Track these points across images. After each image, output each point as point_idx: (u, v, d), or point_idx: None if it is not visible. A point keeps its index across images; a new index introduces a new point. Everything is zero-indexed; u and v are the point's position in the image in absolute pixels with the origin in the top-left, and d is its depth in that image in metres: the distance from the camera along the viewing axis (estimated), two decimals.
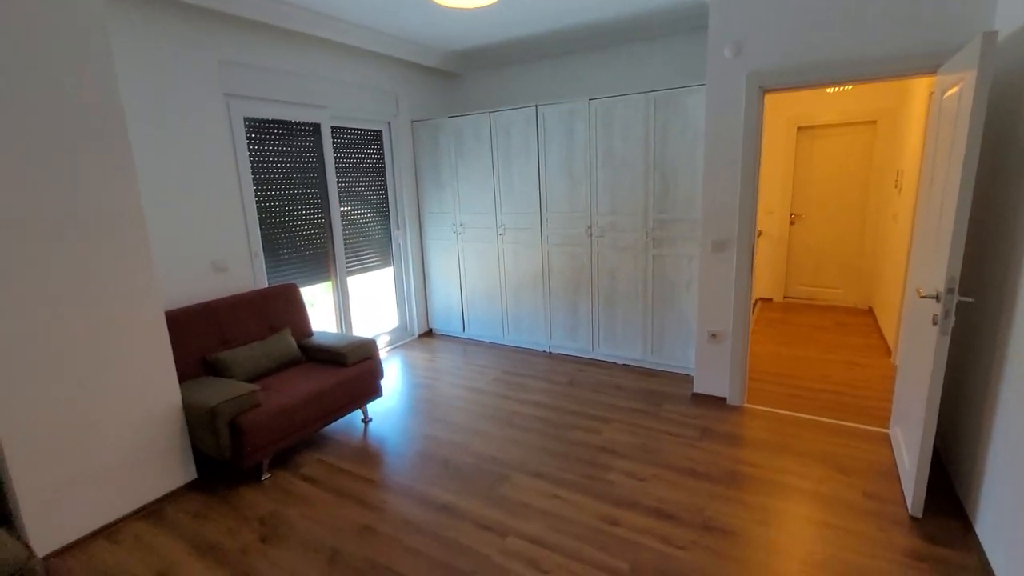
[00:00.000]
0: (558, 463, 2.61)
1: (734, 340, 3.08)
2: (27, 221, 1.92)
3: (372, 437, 2.99)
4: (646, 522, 2.14)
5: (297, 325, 3.30)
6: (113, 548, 2.11)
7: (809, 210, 5.25)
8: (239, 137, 3.13)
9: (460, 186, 4.37)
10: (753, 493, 2.30)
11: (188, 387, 2.56)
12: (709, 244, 3.05)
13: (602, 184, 3.67)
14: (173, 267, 2.85)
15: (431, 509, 2.29)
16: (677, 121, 3.29)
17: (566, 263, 3.98)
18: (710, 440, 2.76)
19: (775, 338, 4.36)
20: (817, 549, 1.95)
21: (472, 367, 4.02)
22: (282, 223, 3.50)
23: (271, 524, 2.23)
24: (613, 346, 3.92)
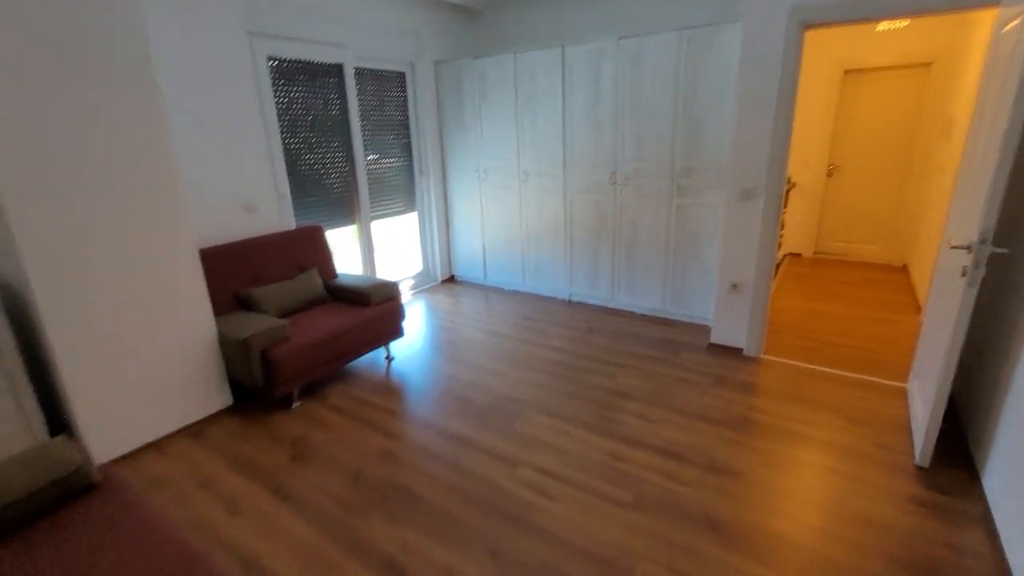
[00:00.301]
0: (572, 404, 2.70)
1: (755, 291, 3.05)
2: (73, 162, 2.00)
3: (394, 374, 3.13)
4: (653, 459, 2.22)
5: (323, 266, 3.40)
6: (161, 461, 2.33)
7: (848, 162, 4.99)
8: (263, 77, 3.14)
9: (484, 131, 4.30)
10: (761, 438, 2.34)
11: (223, 320, 2.71)
12: (736, 192, 2.97)
13: (628, 129, 3.56)
14: (207, 207, 2.95)
15: (448, 440, 2.42)
16: (709, 62, 3.13)
17: (588, 211, 3.94)
18: (723, 388, 2.79)
19: (801, 293, 4.28)
20: (819, 492, 2.00)
21: (493, 312, 4.10)
22: (308, 166, 3.55)
23: (301, 446, 2.40)
24: (632, 295, 3.92)
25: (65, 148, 2.01)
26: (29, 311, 2.09)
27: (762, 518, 1.88)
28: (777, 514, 1.90)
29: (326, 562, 1.74)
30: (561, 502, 1.98)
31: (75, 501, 1.51)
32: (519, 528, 1.86)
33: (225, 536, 1.87)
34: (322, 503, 2.03)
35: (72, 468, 1.50)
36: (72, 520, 1.43)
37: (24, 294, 2.07)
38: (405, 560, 1.74)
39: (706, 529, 1.83)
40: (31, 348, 2.24)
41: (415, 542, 1.81)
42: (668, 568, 1.67)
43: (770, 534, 1.81)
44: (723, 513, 1.91)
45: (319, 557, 1.76)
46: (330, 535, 1.86)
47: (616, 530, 1.84)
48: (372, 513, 1.96)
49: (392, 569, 1.70)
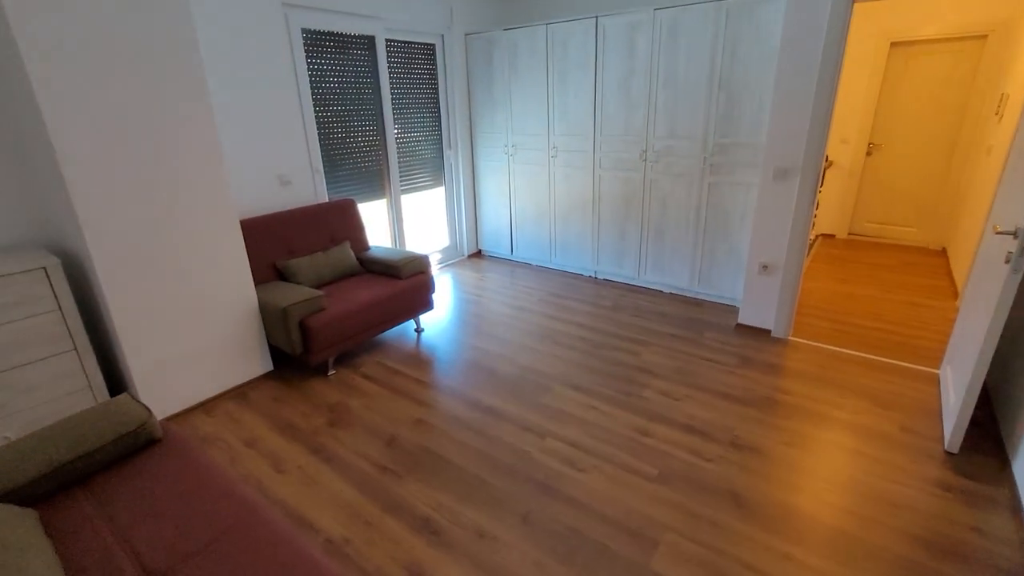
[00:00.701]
0: (597, 379, 2.75)
1: (786, 273, 3.02)
2: (127, 139, 2.09)
3: (424, 345, 3.22)
4: (677, 436, 2.27)
5: (355, 238, 3.48)
6: (209, 420, 2.47)
7: (890, 140, 4.81)
8: (298, 50, 3.16)
9: (513, 105, 4.27)
10: (785, 418, 2.37)
11: (262, 289, 2.82)
12: (771, 171, 2.91)
13: (661, 105, 3.50)
14: (244, 179, 3.03)
15: (477, 410, 2.51)
16: (749, 35, 3.03)
17: (617, 188, 3.92)
18: (748, 368, 2.81)
19: (832, 275, 4.21)
20: (843, 472, 2.03)
21: (519, 287, 4.15)
22: (340, 139, 3.59)
23: (338, 411, 2.52)
24: (659, 274, 3.92)
25: (119, 126, 2.09)
26: (89, 279, 2.22)
27: (785, 495, 1.92)
28: (800, 491, 1.94)
29: (366, 519, 1.85)
30: (588, 473, 2.06)
31: (141, 454, 1.64)
32: (548, 496, 1.95)
33: (272, 491, 2.00)
34: (360, 465, 2.14)
35: (138, 423, 1.62)
36: (139, 471, 1.56)
37: (85, 263, 2.19)
38: (440, 521, 1.84)
39: (729, 504, 1.89)
40: (91, 313, 2.38)
41: (448, 505, 1.91)
42: (692, 540, 1.74)
43: (792, 510, 1.85)
44: (746, 489, 1.96)
45: (359, 515, 1.88)
46: (369, 495, 1.97)
47: (642, 502, 1.90)
48: (407, 476, 2.07)
49: (428, 529, 1.80)
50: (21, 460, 1.43)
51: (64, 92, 1.93)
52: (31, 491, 1.43)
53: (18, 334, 2.04)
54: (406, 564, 1.67)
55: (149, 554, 1.27)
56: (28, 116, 2.04)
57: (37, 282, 2.06)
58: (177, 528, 1.34)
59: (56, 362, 2.16)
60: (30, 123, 2.06)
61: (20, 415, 2.09)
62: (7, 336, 2.01)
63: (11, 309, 2.00)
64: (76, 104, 1.96)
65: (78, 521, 1.37)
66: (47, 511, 1.42)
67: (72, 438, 1.52)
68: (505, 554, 1.70)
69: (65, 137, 1.96)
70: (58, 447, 1.49)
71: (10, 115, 2.20)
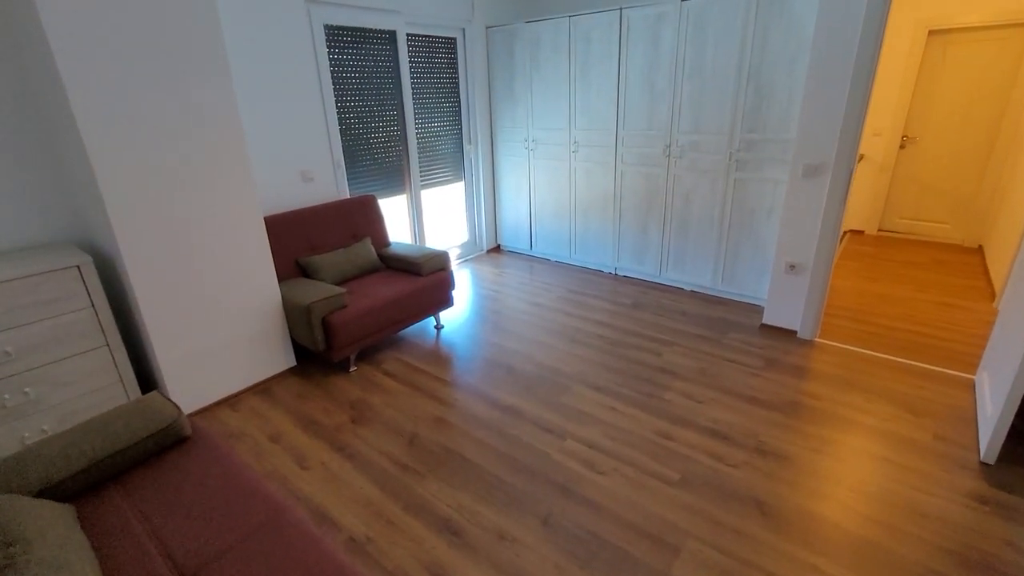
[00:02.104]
0: (617, 379, 2.73)
1: (814, 272, 2.94)
2: (155, 138, 2.12)
3: (444, 342, 3.23)
4: (699, 440, 2.24)
5: (376, 235, 3.50)
6: (235, 415, 2.53)
7: (925, 133, 4.63)
8: (320, 46, 3.17)
9: (534, 100, 4.22)
10: (812, 423, 2.32)
11: (286, 286, 2.85)
12: (800, 168, 2.83)
13: (686, 99, 3.42)
14: (266, 176, 3.06)
15: (496, 409, 2.51)
16: (780, 26, 2.93)
17: (639, 184, 3.85)
18: (774, 370, 2.75)
19: (861, 273, 4.09)
20: (872, 481, 1.98)
21: (537, 284, 4.13)
22: (361, 135, 3.60)
23: (359, 408, 2.55)
24: (681, 272, 3.86)
25: (149, 127, 2.12)
26: (120, 276, 2.28)
27: (811, 503, 1.89)
28: (827, 500, 1.90)
29: (388, 518, 1.88)
30: (609, 476, 2.05)
31: (170, 451, 1.68)
32: (568, 498, 1.94)
33: (297, 487, 2.04)
34: (381, 463, 2.17)
35: (168, 421, 1.66)
36: (170, 468, 1.60)
37: (115, 261, 2.24)
38: (461, 521, 1.85)
39: (753, 511, 1.86)
40: (121, 310, 2.44)
41: (469, 505, 1.92)
42: (715, 547, 1.72)
43: (818, 519, 1.81)
44: (771, 496, 1.92)
45: (381, 514, 1.90)
46: (390, 493, 1.99)
47: (663, 507, 1.89)
48: (428, 476, 2.08)
49: (449, 530, 1.82)
50: (59, 456, 1.48)
51: (96, 95, 1.96)
52: (68, 487, 1.48)
53: (53, 330, 2.10)
54: (428, 565, 1.68)
55: (181, 552, 1.30)
56: (62, 119, 2.09)
57: (71, 279, 2.12)
58: (207, 526, 1.37)
59: (89, 358, 2.22)
60: (64, 126, 2.10)
61: (55, 409, 2.16)
62: (43, 332, 2.07)
63: (47, 306, 2.06)
64: (107, 106, 1.99)
65: (113, 518, 1.41)
66: (83, 507, 1.47)
67: (106, 435, 1.56)
68: (526, 557, 1.70)
69: (97, 139, 2.00)
70: (93, 443, 1.54)
71: (45, 119, 2.26)
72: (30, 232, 2.32)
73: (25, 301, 2.01)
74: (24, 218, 2.30)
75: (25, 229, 2.31)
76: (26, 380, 2.05)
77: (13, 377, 2.02)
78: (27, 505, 1.24)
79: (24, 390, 2.05)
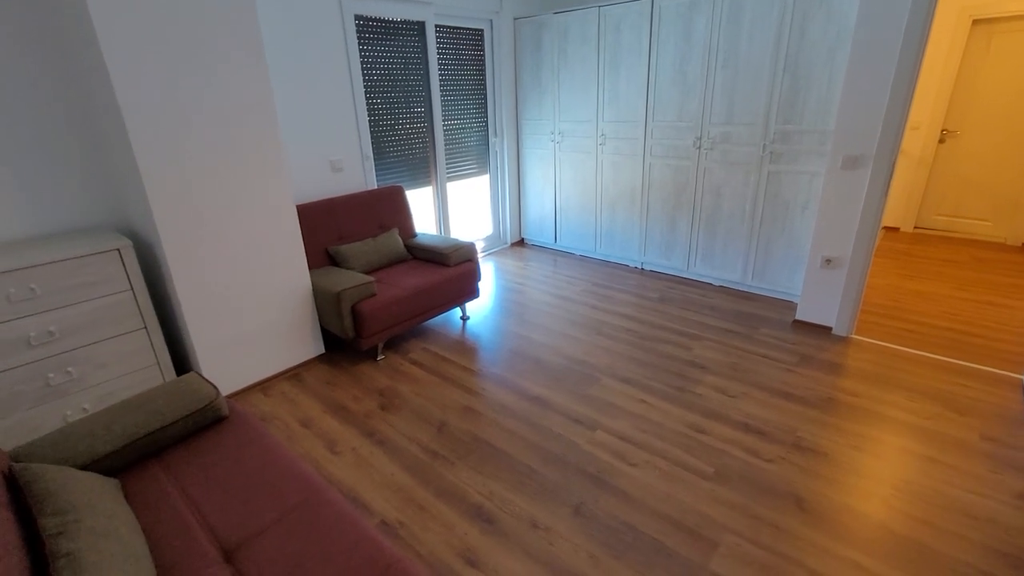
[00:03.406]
0: (646, 372, 2.69)
1: (851, 268, 2.86)
2: (194, 129, 2.15)
3: (469, 333, 3.23)
4: (733, 434, 2.19)
5: (403, 225, 3.51)
6: (266, 400, 2.56)
7: (967, 126, 4.46)
8: (351, 37, 3.18)
9: (561, 92, 4.19)
10: (850, 420, 2.25)
11: (316, 274, 2.88)
12: (839, 160, 2.75)
13: (719, 90, 3.35)
14: (297, 165, 3.09)
15: (525, 399, 2.50)
16: (820, 14, 2.85)
17: (668, 177, 3.79)
18: (808, 366, 2.68)
19: (896, 270, 3.97)
20: (916, 480, 1.91)
21: (562, 277, 4.10)
22: (389, 127, 3.61)
23: (388, 396, 2.56)
24: (710, 266, 3.79)
25: (188, 118, 2.15)
26: (158, 261, 2.32)
27: (852, 500, 1.83)
28: (869, 498, 1.84)
29: (419, 504, 1.88)
30: (641, 468, 2.01)
31: (208, 430, 1.70)
32: (600, 489, 1.92)
33: (328, 471, 2.05)
34: (411, 450, 2.17)
35: (207, 401, 1.68)
36: (208, 447, 1.62)
37: (154, 246, 2.28)
38: (492, 509, 1.84)
39: (792, 506, 1.81)
40: (158, 294, 2.49)
41: (500, 493, 1.91)
42: (753, 542, 1.68)
43: (860, 517, 1.76)
44: (809, 492, 1.87)
45: (412, 499, 1.90)
46: (421, 479, 1.99)
47: (698, 500, 1.85)
48: (458, 463, 2.08)
49: (481, 517, 1.81)
50: (104, 431, 1.51)
51: (139, 87, 1.99)
52: (112, 462, 1.50)
53: (95, 312, 2.14)
54: (461, 551, 1.67)
55: (222, 528, 1.31)
56: (107, 110, 2.13)
57: (111, 263, 2.16)
58: (246, 504, 1.38)
59: (127, 340, 2.27)
60: (109, 116, 2.15)
61: (95, 389, 2.21)
62: (86, 313, 2.12)
63: (89, 288, 2.11)
64: (150, 98, 2.03)
65: (155, 492, 1.43)
66: (127, 481, 1.49)
67: (148, 412, 1.59)
68: (559, 546, 1.68)
69: (140, 129, 2.03)
70: (136, 420, 1.56)
71: (90, 110, 2.31)
72: (73, 217, 2.38)
73: (68, 283, 2.06)
74: (68, 203, 2.36)
75: (69, 214, 2.37)
76: (68, 360, 2.11)
77: (57, 356, 2.07)
78: (77, 477, 1.26)
79: (67, 369, 2.10)
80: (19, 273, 1.93)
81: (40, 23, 2.16)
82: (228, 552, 1.26)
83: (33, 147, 2.23)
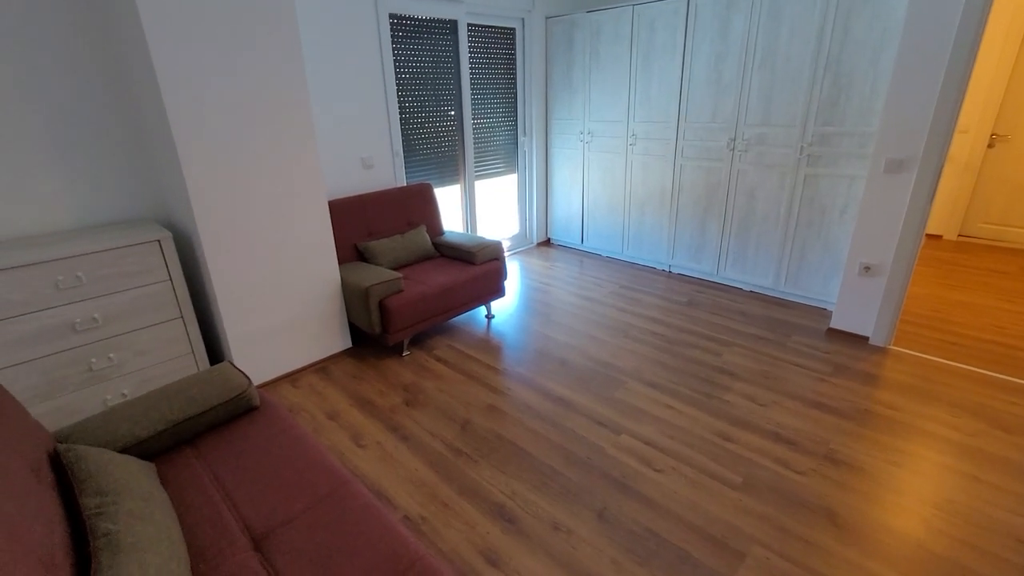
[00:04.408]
0: (673, 377, 2.64)
1: (892, 275, 2.75)
2: (232, 126, 2.21)
3: (494, 332, 3.23)
4: (763, 444, 2.13)
5: (431, 223, 3.53)
6: (294, 391, 2.61)
7: (1019, 130, 4.25)
8: (384, 35, 3.22)
9: (592, 91, 4.15)
10: (888, 434, 2.17)
11: (345, 269, 2.92)
12: (882, 163, 2.65)
13: (756, 90, 3.26)
14: (330, 162, 3.14)
15: (549, 400, 2.48)
16: (865, 11, 2.75)
17: (699, 179, 3.72)
18: (843, 377, 2.59)
19: (938, 280, 3.81)
20: (959, 500, 1.83)
21: (588, 278, 4.07)
22: (419, 124, 3.64)
23: (413, 392, 2.58)
24: (741, 271, 3.70)
25: (227, 113, 2.20)
26: (195, 253, 2.38)
27: (889, 518, 1.76)
28: (907, 515, 1.76)
29: (442, 500, 1.88)
30: (667, 475, 1.98)
31: (240, 419, 1.74)
32: (624, 494, 1.89)
33: (353, 464, 2.08)
34: (435, 446, 2.18)
35: (239, 390, 1.72)
36: (240, 435, 1.65)
37: (192, 238, 2.35)
38: (515, 509, 1.83)
39: (824, 521, 1.75)
40: (194, 285, 2.56)
41: (523, 493, 1.90)
42: (782, 555, 1.63)
43: (898, 535, 1.69)
44: (843, 507, 1.81)
45: (435, 495, 1.91)
46: (444, 476, 2.00)
47: (725, 510, 1.81)
48: (481, 461, 2.08)
49: (503, 516, 1.80)
50: (142, 416, 1.56)
51: (183, 84, 2.06)
52: (149, 446, 1.55)
53: (135, 301, 2.22)
54: (482, 549, 1.67)
55: (252, 516, 1.34)
56: (152, 107, 2.20)
57: (152, 253, 2.23)
58: (276, 493, 1.41)
59: (164, 328, 2.34)
60: (153, 113, 2.22)
61: (133, 375, 2.29)
62: (128, 302, 2.19)
63: (130, 277, 2.18)
64: (193, 95, 2.09)
65: (189, 477, 1.47)
66: (161, 465, 1.54)
67: (184, 399, 1.63)
68: (581, 549, 1.67)
69: (183, 125, 2.10)
70: (172, 406, 1.61)
71: (135, 107, 2.39)
72: (117, 209, 2.47)
73: (112, 272, 2.14)
74: (113, 196, 2.45)
75: (113, 206, 2.46)
76: (110, 346, 2.19)
77: (100, 342, 2.15)
78: (116, 459, 1.31)
79: (109, 355, 2.18)
80: (68, 261, 2.01)
81: (93, 22, 2.24)
82: (257, 539, 1.28)
83: (83, 144, 2.32)
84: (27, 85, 2.16)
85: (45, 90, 2.20)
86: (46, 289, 1.98)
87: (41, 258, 1.95)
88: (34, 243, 2.13)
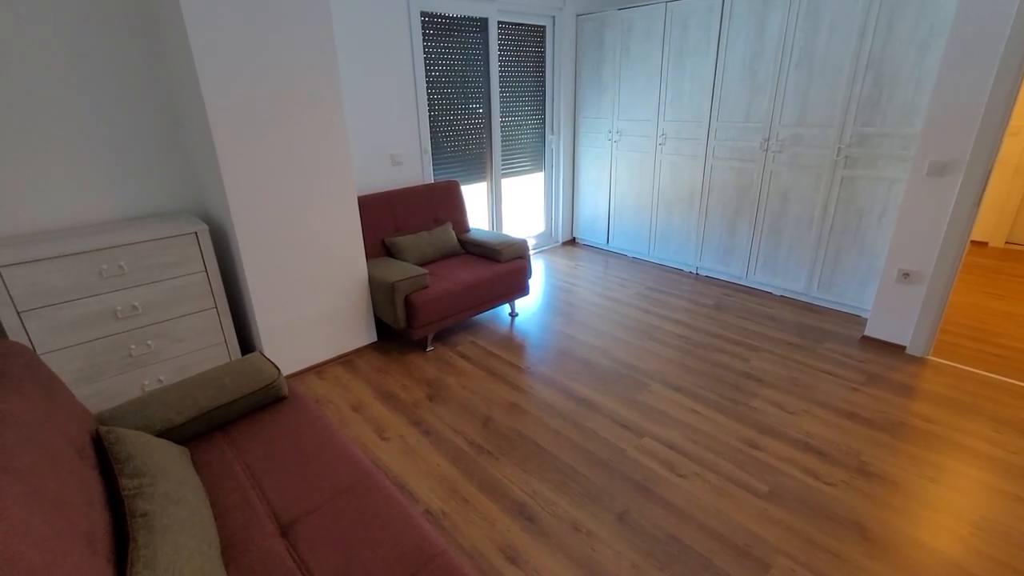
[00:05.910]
0: (698, 381, 2.60)
1: (932, 283, 2.64)
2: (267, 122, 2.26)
3: (517, 330, 3.23)
4: (791, 452, 2.08)
5: (457, 220, 3.55)
6: (320, 383, 2.66)
7: None
8: (416, 33, 3.24)
9: (621, 90, 4.10)
10: (924, 448, 2.09)
11: (372, 264, 2.96)
12: (925, 166, 2.54)
13: (791, 89, 3.18)
14: (360, 158, 3.19)
15: (571, 400, 2.47)
16: (911, 7, 2.64)
17: (730, 180, 3.64)
18: (877, 387, 2.51)
19: (982, 288, 3.64)
20: (998, 518, 1.75)
21: (613, 279, 4.04)
22: (448, 122, 3.66)
23: (436, 387, 2.60)
24: (771, 275, 3.61)
25: (263, 111, 2.26)
26: (230, 246, 2.46)
27: (922, 534, 1.70)
28: (943, 533, 1.70)
29: (463, 496, 1.90)
30: (690, 480, 1.95)
31: (269, 408, 1.78)
32: (646, 498, 1.87)
33: (376, 456, 2.11)
34: (456, 442, 2.19)
35: (269, 380, 1.77)
36: (269, 424, 1.70)
37: (227, 231, 2.42)
38: (535, 508, 1.84)
39: (853, 534, 1.70)
40: (228, 277, 2.64)
41: (543, 493, 1.90)
42: (808, 568, 1.59)
43: (932, 553, 1.63)
44: (874, 521, 1.75)
45: (456, 491, 1.93)
46: (465, 472, 2.02)
47: (750, 518, 1.77)
48: (502, 459, 2.08)
49: (523, 514, 1.81)
50: (177, 402, 1.62)
51: (223, 83, 2.12)
52: (184, 431, 1.61)
53: (174, 290, 2.30)
54: (502, 546, 1.68)
55: (280, 503, 1.37)
56: (192, 105, 2.27)
57: (190, 245, 2.31)
58: (302, 482, 1.44)
59: (199, 318, 2.42)
60: (193, 110, 2.29)
61: (170, 363, 2.38)
62: (166, 291, 2.28)
63: (171, 267, 2.27)
64: (232, 93, 2.15)
65: (220, 464, 1.52)
66: (194, 450, 1.59)
67: (217, 387, 1.69)
68: (601, 552, 1.66)
69: (221, 122, 2.16)
70: (206, 394, 1.66)
71: (176, 105, 2.47)
72: (155, 202, 2.56)
73: (151, 262, 2.22)
74: (153, 190, 2.54)
75: (153, 199, 2.55)
76: (149, 333, 2.27)
77: (139, 330, 2.24)
78: (152, 443, 1.36)
79: (147, 342, 2.27)
80: (112, 251, 2.10)
81: (144, 30, 2.33)
82: (284, 527, 1.32)
83: (127, 139, 2.42)
84: (88, 89, 2.26)
85: (102, 93, 2.30)
86: (91, 277, 2.08)
87: (87, 247, 2.04)
88: (79, 233, 2.23)
